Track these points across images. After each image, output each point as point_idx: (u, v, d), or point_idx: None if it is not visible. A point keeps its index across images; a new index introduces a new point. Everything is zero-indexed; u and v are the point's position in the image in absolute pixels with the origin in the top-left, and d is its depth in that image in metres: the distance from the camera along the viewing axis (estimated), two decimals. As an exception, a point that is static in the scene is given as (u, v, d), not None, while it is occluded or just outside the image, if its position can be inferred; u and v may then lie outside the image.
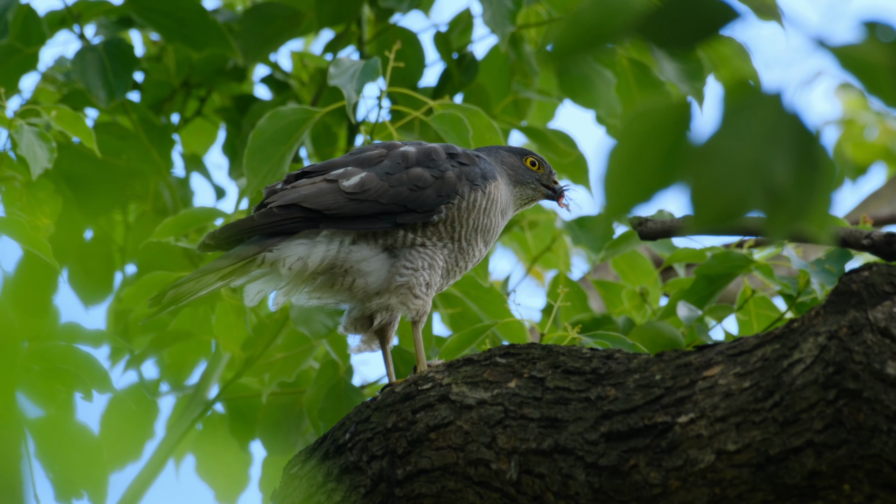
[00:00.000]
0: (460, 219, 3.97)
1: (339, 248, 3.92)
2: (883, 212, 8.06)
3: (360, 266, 3.92)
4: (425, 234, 3.95)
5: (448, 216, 3.96)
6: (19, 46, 5.84)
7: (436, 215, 3.94)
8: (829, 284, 5.00)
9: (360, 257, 3.93)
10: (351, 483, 3.57)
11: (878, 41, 2.19)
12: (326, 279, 3.95)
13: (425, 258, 3.94)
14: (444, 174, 3.98)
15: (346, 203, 3.92)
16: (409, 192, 3.94)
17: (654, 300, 5.80)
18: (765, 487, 3.21)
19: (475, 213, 3.99)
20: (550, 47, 2.33)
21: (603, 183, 2.29)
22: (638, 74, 6.00)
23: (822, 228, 2.21)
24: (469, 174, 4.01)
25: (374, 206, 3.92)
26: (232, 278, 3.95)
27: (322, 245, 3.92)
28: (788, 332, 3.27)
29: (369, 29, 6.19)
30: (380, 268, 3.93)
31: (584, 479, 3.34)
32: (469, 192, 3.99)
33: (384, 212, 3.92)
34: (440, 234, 3.96)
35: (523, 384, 3.48)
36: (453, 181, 3.98)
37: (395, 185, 3.95)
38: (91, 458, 4.33)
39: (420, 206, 3.94)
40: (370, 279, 3.93)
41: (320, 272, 3.93)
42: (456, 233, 3.97)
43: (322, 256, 3.92)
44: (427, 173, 3.97)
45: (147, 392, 5.95)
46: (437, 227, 3.95)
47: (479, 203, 4.00)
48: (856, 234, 3.52)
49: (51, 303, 4.63)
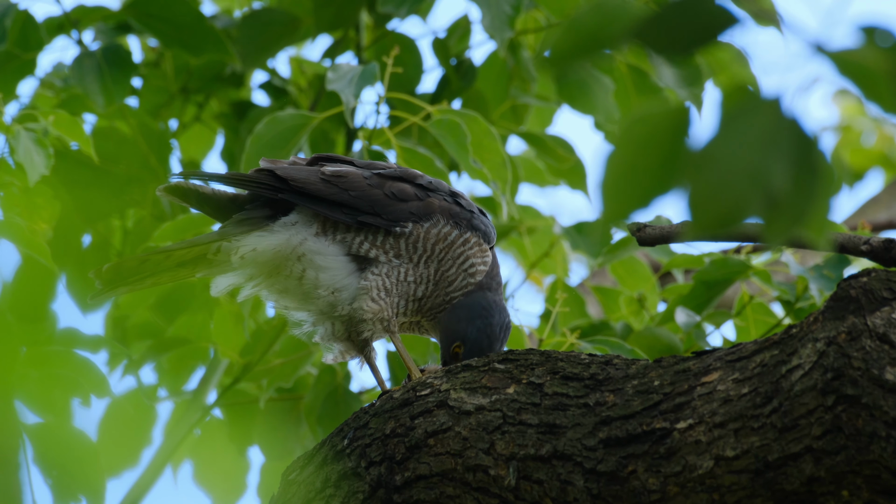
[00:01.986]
0: (425, 243, 3.88)
1: (297, 240, 3.85)
2: (881, 217, 8.07)
3: (313, 257, 3.84)
4: (384, 247, 3.86)
5: (413, 234, 3.88)
6: (17, 52, 5.84)
7: (398, 227, 3.87)
8: (828, 290, 5.00)
9: (315, 248, 3.85)
10: (349, 489, 3.57)
11: (876, 46, 2.19)
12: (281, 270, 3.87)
13: (392, 270, 3.88)
14: (429, 199, 3.92)
15: (316, 182, 3.86)
16: (384, 199, 3.86)
17: (652, 306, 5.80)
18: (763, 493, 3.21)
19: (443, 245, 3.90)
20: (548, 53, 2.33)
21: (600, 188, 2.29)
22: (636, 80, 6.00)
23: (821, 234, 2.21)
24: (456, 213, 3.92)
25: (341, 195, 3.84)
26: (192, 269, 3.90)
27: (279, 235, 3.85)
28: (787, 337, 3.26)
29: (367, 35, 6.19)
30: (337, 268, 3.85)
31: (582, 485, 3.34)
32: (445, 224, 3.91)
33: (349, 204, 3.84)
34: (398, 251, 3.87)
35: (522, 390, 3.48)
36: (433, 207, 3.90)
37: (375, 187, 3.90)
38: (89, 463, 4.33)
39: (387, 214, 3.87)
40: (322, 275, 3.85)
41: (274, 262, 3.85)
42: (416, 254, 3.87)
43: (275, 245, 3.84)
44: (412, 190, 3.90)
45: (145, 397, 5.94)
46: (398, 243, 3.87)
47: (452, 239, 3.90)
48: (854, 240, 3.52)
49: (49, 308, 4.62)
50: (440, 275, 3.90)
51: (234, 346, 5.64)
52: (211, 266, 3.89)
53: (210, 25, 5.93)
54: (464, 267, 3.93)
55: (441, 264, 3.91)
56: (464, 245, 3.92)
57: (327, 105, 6.08)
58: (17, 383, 4.31)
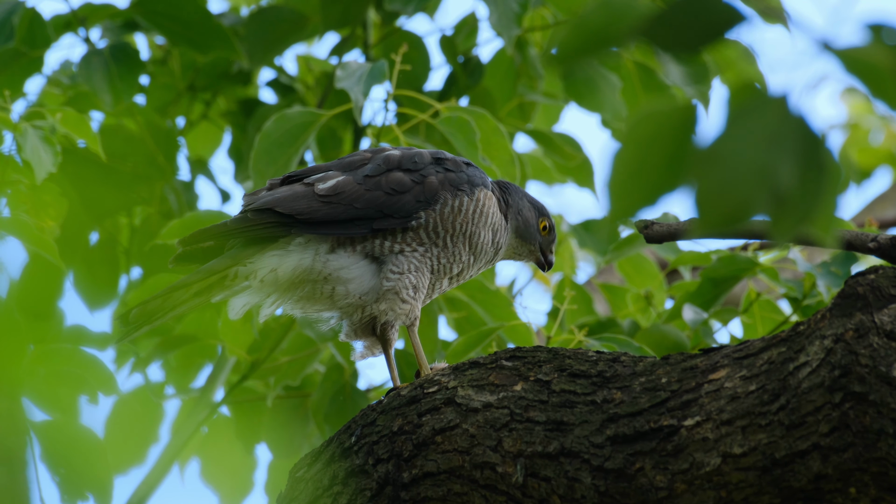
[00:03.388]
0: (444, 223, 3.88)
1: (314, 258, 3.83)
2: (888, 215, 8.06)
3: (339, 273, 3.84)
4: (405, 241, 3.86)
5: (429, 221, 3.88)
6: (25, 50, 5.85)
7: (414, 221, 3.87)
8: (835, 287, 5.00)
9: (338, 265, 3.84)
10: (357, 486, 3.57)
11: (883, 44, 2.19)
12: (305, 289, 3.86)
13: (412, 262, 3.87)
14: (426, 179, 3.90)
15: (320, 207, 3.83)
16: (387, 197, 3.86)
17: (660, 303, 5.80)
18: (771, 491, 3.21)
19: (461, 218, 3.90)
20: (555, 50, 2.33)
21: (607, 186, 2.29)
22: (644, 78, 6.00)
23: (828, 232, 2.21)
24: (454, 180, 3.92)
25: (349, 211, 3.83)
26: (209, 294, 3.89)
27: (295, 255, 3.83)
28: (794, 335, 3.26)
29: (375, 32, 6.19)
30: (361, 274, 3.85)
31: (589, 483, 3.34)
32: (452, 198, 3.91)
33: (360, 217, 3.83)
34: (421, 240, 3.87)
35: (529, 387, 3.48)
36: (435, 186, 3.90)
37: (372, 188, 3.86)
38: (96, 460, 4.33)
39: (397, 212, 3.85)
40: (351, 286, 3.84)
41: (296, 282, 3.85)
42: (440, 238, 3.88)
43: (294, 266, 3.83)
44: (407, 177, 3.89)
45: (152, 395, 5.95)
46: (418, 233, 3.87)
47: (465, 207, 3.91)
48: (862, 237, 3.52)
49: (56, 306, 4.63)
50: (473, 242, 3.92)
51: (241, 343, 5.64)
52: (227, 289, 3.88)
53: (217, 23, 5.93)
54: (489, 223, 3.96)
55: (471, 236, 3.93)
56: (476, 204, 3.93)
57: (335, 102, 6.08)
58: (24, 381, 4.32)
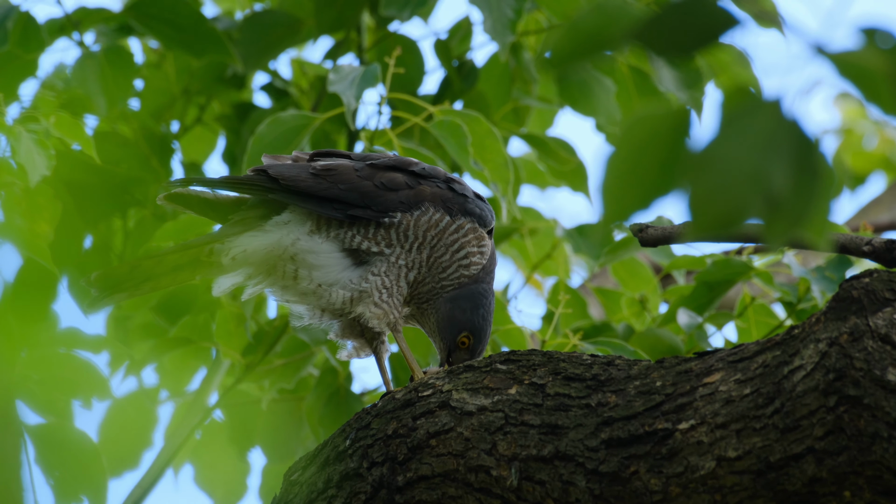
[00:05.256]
0: (416, 230, 3.85)
1: (289, 240, 3.83)
2: (883, 218, 8.07)
3: (305, 256, 3.83)
4: (375, 238, 3.84)
5: (402, 223, 3.86)
6: (19, 53, 5.84)
7: (387, 217, 3.85)
8: (830, 292, 5.00)
9: (308, 248, 3.82)
10: (351, 489, 3.57)
11: (877, 48, 2.19)
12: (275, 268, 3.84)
13: (391, 267, 3.86)
14: (420, 186, 3.91)
15: (306, 178, 3.83)
16: (374, 190, 3.85)
17: (654, 307, 5.80)
18: (765, 494, 3.21)
19: (434, 233, 3.87)
20: (549, 54, 2.33)
21: (601, 190, 2.29)
22: (638, 82, 6.00)
23: (821, 236, 2.21)
24: (447, 198, 3.90)
25: (331, 190, 3.82)
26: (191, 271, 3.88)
27: (271, 235, 3.83)
28: (789, 338, 3.27)
29: (369, 36, 6.20)
30: (331, 264, 3.83)
31: (584, 486, 3.34)
32: (435, 210, 3.90)
33: (339, 199, 3.82)
34: (390, 240, 3.85)
35: (524, 391, 3.48)
36: (423, 195, 3.88)
37: (366, 178, 3.87)
38: (91, 464, 4.33)
39: (377, 205, 3.84)
40: (316, 273, 3.82)
41: (265, 261, 3.83)
42: (409, 243, 3.86)
43: (266, 245, 3.82)
44: (403, 179, 3.89)
45: (147, 399, 5.95)
46: (389, 233, 3.85)
47: (442, 226, 3.88)
48: (856, 241, 3.53)
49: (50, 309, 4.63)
50: (433, 260, 3.89)
51: (235, 346, 5.64)
52: (208, 268, 3.88)
53: (211, 27, 5.93)
54: (458, 256, 3.92)
55: (434, 251, 3.89)
56: (457, 232, 3.91)
57: (329, 106, 6.08)
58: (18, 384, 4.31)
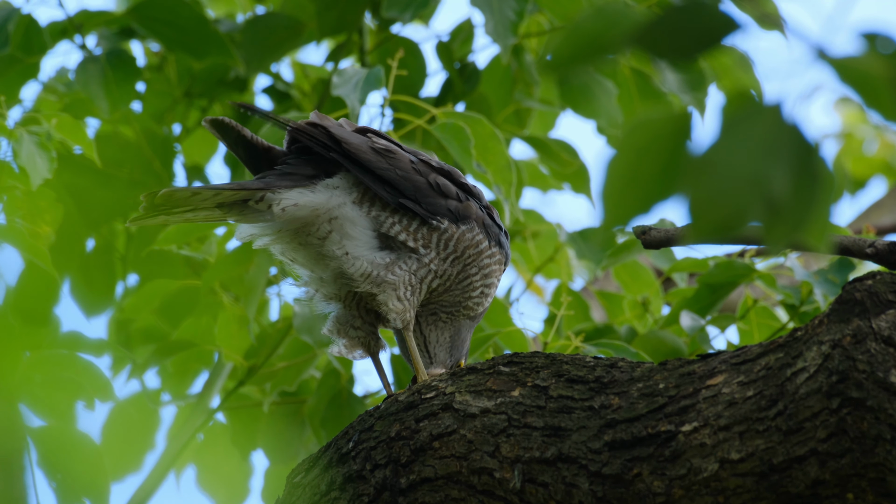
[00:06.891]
0: (458, 244, 3.86)
1: (334, 202, 3.80)
2: (885, 221, 8.07)
3: (344, 224, 3.80)
4: (416, 234, 3.84)
5: (448, 231, 3.84)
6: (21, 56, 5.85)
7: (436, 220, 3.84)
8: (832, 294, 5.00)
9: (351, 217, 3.81)
10: (354, 492, 3.57)
11: (878, 54, 2.19)
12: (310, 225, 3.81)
13: (422, 268, 3.85)
14: (468, 202, 3.90)
15: (368, 151, 3.82)
16: (426, 187, 3.83)
17: (656, 310, 5.80)
18: (768, 496, 3.21)
19: (473, 252, 3.88)
20: (551, 57, 2.33)
21: (602, 193, 2.29)
22: (640, 84, 6.00)
23: (821, 239, 2.21)
24: (489, 224, 3.91)
25: (389, 172, 3.81)
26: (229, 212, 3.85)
27: (321, 195, 3.81)
28: (792, 340, 3.27)
29: (371, 38, 6.20)
30: (363, 244, 3.82)
31: (587, 488, 3.34)
32: (479, 232, 3.89)
33: (394, 183, 3.81)
34: (428, 243, 3.85)
35: (527, 393, 3.48)
36: (471, 211, 3.88)
37: (421, 174, 3.86)
38: (93, 467, 4.33)
39: (427, 204, 3.83)
40: (346, 242, 3.80)
41: (308, 222, 3.81)
42: (446, 252, 3.85)
43: (315, 204, 3.79)
44: (455, 190, 3.89)
45: (149, 401, 5.95)
46: (431, 235, 3.85)
47: (481, 248, 3.88)
48: (859, 243, 3.53)
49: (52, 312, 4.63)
50: (464, 277, 3.89)
51: (238, 349, 5.64)
52: (246, 214, 3.84)
53: (213, 29, 5.93)
54: (485, 283, 3.93)
55: (467, 268, 3.89)
56: (490, 258, 3.91)
57: (331, 108, 6.08)
58: (20, 387, 4.32)
